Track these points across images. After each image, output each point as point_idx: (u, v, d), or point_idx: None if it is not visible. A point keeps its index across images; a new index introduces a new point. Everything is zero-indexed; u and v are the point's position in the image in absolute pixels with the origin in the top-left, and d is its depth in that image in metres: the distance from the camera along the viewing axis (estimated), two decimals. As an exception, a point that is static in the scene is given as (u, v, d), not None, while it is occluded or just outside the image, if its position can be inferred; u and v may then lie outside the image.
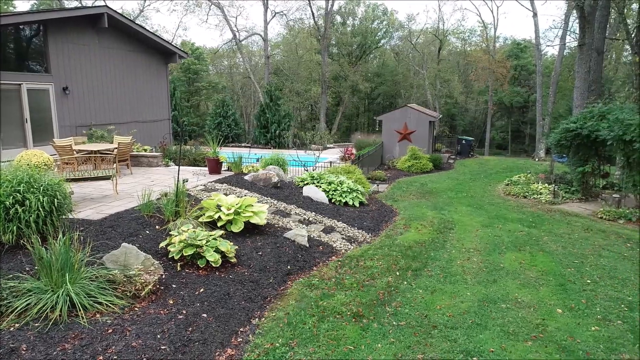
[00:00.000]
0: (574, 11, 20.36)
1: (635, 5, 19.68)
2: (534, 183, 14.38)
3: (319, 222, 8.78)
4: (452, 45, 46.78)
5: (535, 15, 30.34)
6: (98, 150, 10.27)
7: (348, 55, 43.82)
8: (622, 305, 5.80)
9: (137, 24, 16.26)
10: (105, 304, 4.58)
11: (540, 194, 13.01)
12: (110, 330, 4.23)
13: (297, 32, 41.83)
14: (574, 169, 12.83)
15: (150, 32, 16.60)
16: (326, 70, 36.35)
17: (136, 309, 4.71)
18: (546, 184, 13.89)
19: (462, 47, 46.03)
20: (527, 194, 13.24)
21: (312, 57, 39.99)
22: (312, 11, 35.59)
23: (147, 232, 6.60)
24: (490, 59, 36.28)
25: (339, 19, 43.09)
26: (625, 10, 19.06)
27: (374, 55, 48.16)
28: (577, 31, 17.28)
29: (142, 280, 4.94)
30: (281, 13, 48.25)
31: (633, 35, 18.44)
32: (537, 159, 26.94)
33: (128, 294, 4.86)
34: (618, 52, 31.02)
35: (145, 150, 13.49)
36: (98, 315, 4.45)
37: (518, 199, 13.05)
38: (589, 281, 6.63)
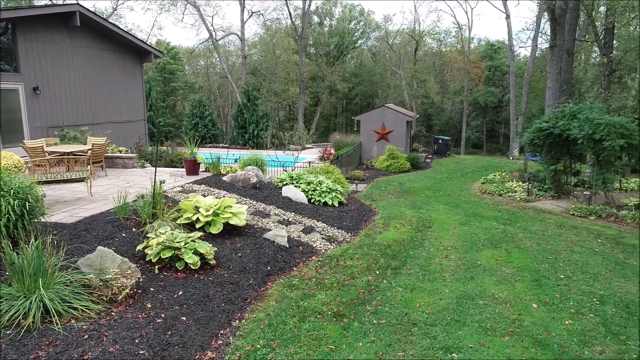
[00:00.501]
0: (545, 13, 20.91)
1: (603, 8, 20.33)
2: (508, 181, 14.69)
3: (299, 223, 8.77)
4: (428, 46, 47.40)
5: (508, 17, 31.01)
6: (71, 152, 10.02)
7: (326, 55, 43.93)
8: (594, 299, 5.98)
9: (111, 23, 15.92)
10: (81, 309, 4.46)
11: (515, 192, 13.30)
12: (86, 336, 4.13)
13: (275, 32, 41.70)
14: (546, 167, 13.17)
15: (124, 31, 16.28)
16: (304, 70, 36.34)
17: (113, 313, 4.61)
18: (520, 182, 14.21)
19: (438, 47, 46.70)
20: (502, 192, 13.51)
21: (290, 57, 39.93)
22: (289, 11, 35.55)
23: (124, 235, 6.47)
24: (465, 59, 36.91)
25: (316, 19, 43.14)
26: (594, 13, 19.65)
27: (351, 56, 48.41)
28: (549, 33, 17.74)
29: (119, 284, 4.84)
30: (258, 13, 48.02)
31: (601, 37, 19.05)
32: (511, 158, 27.53)
33: (104, 298, 4.76)
34: (587, 53, 31.99)
35: (121, 151, 13.23)
36: (73, 321, 4.34)
37: (493, 197, 13.30)
38: (562, 276, 6.81)
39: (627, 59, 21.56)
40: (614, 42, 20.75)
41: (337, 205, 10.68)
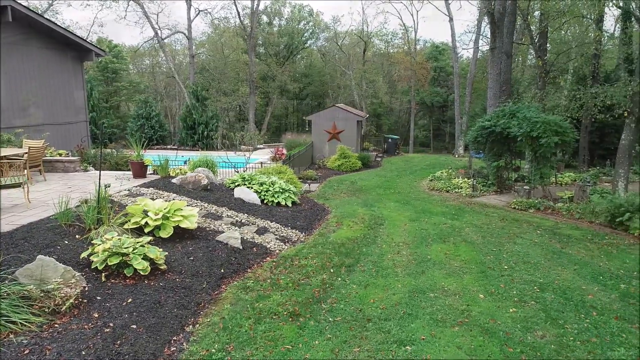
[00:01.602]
0: (486, 17, 21.91)
1: (537, 13, 21.55)
2: (455, 178, 15.27)
3: (252, 224, 8.69)
4: (376, 47, 48.32)
5: (451, 20, 32.22)
6: (5, 156, 9.37)
7: (275, 55, 43.71)
8: (535, 287, 6.35)
9: (47, 19, 15.04)
10: (20, 323, 4.19)
11: (461, 188, 13.85)
12: (26, 351, 3.89)
13: (223, 31, 41.01)
14: (489, 164, 13.82)
15: (62, 28, 15.43)
16: (254, 70, 36.00)
17: (56, 325, 4.37)
18: (466, 179, 14.81)
19: (386, 49, 47.71)
20: (449, 188, 14.03)
21: (239, 57, 39.41)
22: (237, 10, 35.15)
23: (66, 242, 6.15)
24: (412, 60, 37.98)
25: (265, 18, 42.86)
26: (529, 18, 20.79)
27: (301, 56, 48.48)
28: (489, 36, 18.60)
29: (62, 294, 4.59)
30: (205, 11, 47.23)
31: (536, 41, 20.21)
32: (457, 156, 28.64)
33: (46, 310, 4.50)
34: (524, 55, 33.79)
35: (61, 154, 12.54)
36: (12, 336, 4.07)
37: (441, 193, 13.78)
38: (506, 267, 7.18)
39: (559, 61, 23.01)
40: (548, 45, 22.07)
41: (290, 205, 10.67)
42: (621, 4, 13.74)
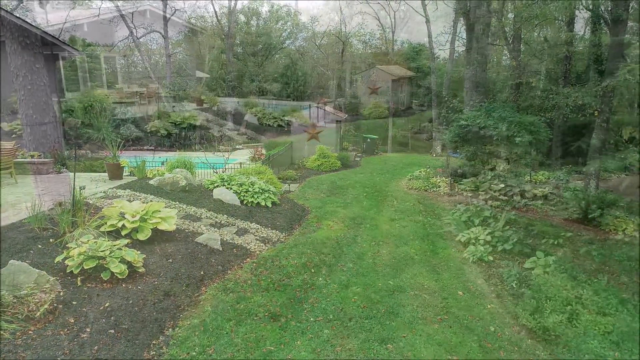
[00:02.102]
0: (462, 18, 22.26)
1: (511, 15, 22.01)
2: (433, 177, 15.46)
3: (232, 225, 8.62)
4: (355, 47, 48.56)
5: (428, 21, 32.66)
6: (-26, 158, 9.07)
7: (253, 55, 43.48)
8: (512, 283, 6.48)
9: (17, 17, 14.61)
10: (-8, 330, 4.07)
11: (439, 187, 14.03)
12: (-1, 359, 3.78)
13: (200, 30, 40.58)
14: (466, 163, 14.04)
15: (34, 26, 15.02)
16: (232, 69, 35.72)
17: (30, 332, 4.25)
18: (443, 178, 15.02)
19: (364, 49, 47.99)
20: (427, 187, 14.19)
21: (217, 57, 39.08)
22: (214, 9, 34.78)
23: (40, 246, 5.98)
24: (390, 60, 38.35)
25: (242, 18, 42.60)
26: (503, 19, 21.20)
27: (279, 56, 48.35)
28: (465, 37, 18.91)
29: (36, 300, 4.47)
30: (182, 10, 46.54)
31: (511, 42, 20.65)
32: (434, 155, 28.98)
33: (20, 316, 4.37)
34: (499, 56, 34.44)
35: (33, 156, 12.20)
36: (-17, 344, 3.95)
37: (420, 192, 13.93)
38: (484, 264, 7.30)
39: (533, 62, 23.56)
40: (521, 46, 22.57)
41: (270, 205, 10.62)
42: (591, 7, 14.13)
